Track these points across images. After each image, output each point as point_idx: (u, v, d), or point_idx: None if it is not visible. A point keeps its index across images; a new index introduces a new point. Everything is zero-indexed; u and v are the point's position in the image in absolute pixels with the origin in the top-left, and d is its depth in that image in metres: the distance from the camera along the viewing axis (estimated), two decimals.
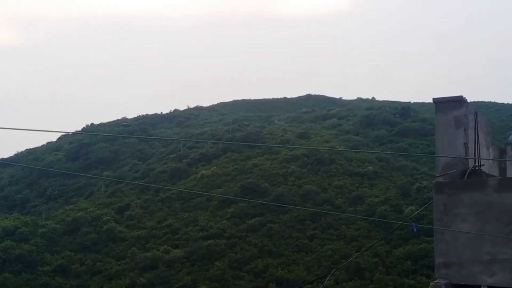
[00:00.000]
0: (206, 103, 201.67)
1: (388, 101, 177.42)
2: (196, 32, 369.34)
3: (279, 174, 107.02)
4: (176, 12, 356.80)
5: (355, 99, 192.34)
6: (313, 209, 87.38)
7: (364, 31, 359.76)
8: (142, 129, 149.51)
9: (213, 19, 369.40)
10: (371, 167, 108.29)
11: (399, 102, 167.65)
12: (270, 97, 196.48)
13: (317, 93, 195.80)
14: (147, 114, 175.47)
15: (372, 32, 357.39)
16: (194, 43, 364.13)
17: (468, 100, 19.87)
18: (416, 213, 53.15)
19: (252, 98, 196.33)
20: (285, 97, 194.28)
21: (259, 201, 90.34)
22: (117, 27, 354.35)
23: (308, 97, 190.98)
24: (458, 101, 19.18)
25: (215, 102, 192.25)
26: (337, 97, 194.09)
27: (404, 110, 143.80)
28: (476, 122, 19.83)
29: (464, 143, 19.07)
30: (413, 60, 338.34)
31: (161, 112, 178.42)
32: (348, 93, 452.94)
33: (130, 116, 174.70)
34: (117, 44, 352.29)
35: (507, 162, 21.76)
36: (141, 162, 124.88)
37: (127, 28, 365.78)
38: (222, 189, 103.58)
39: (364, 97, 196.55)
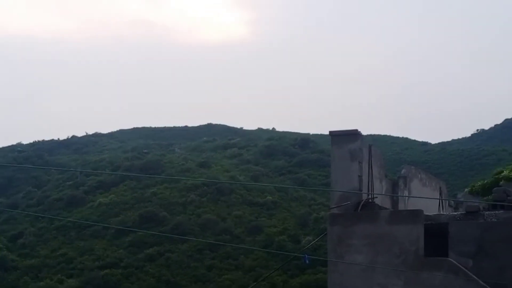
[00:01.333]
0: (105, 130, 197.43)
1: (288, 132, 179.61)
2: (97, 57, 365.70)
3: (179, 203, 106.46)
4: (77, 36, 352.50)
5: (256, 129, 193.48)
6: (212, 241, 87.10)
7: (263, 60, 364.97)
8: (38, 155, 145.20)
9: (115, 44, 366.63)
10: (271, 197, 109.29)
11: (299, 133, 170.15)
12: (171, 125, 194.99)
13: (218, 122, 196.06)
14: (43, 140, 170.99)
15: (272, 61, 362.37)
16: (94, 68, 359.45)
17: (365, 133, 20.35)
18: (312, 243, 53.80)
19: (153, 126, 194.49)
20: (186, 126, 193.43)
21: (157, 233, 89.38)
22: (12, 49, 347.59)
23: (209, 126, 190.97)
24: (353, 135, 19.58)
25: (114, 129, 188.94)
26: (238, 126, 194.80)
27: (303, 141, 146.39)
28: (370, 155, 20.27)
29: (359, 176, 19.45)
30: (312, 91, 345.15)
31: (58, 138, 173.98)
32: (249, 123, 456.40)
33: (25, 141, 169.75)
34: (13, 67, 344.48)
35: (399, 194, 22.31)
36: (36, 189, 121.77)
37: (23, 50, 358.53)
38: (120, 217, 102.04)
39: (264, 127, 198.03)
